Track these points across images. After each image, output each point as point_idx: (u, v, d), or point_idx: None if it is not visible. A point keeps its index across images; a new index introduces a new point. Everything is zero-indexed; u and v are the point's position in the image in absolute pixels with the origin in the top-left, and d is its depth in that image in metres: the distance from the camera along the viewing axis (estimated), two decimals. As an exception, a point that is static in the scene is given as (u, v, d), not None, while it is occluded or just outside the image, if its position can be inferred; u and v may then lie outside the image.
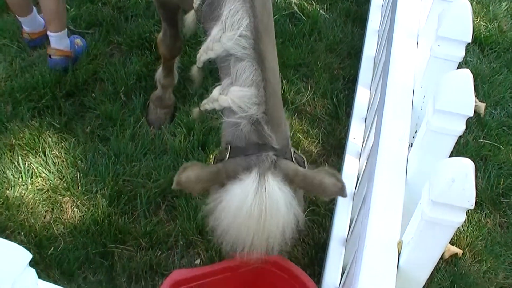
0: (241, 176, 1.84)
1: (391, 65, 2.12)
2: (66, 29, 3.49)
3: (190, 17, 2.22)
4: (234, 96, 1.93)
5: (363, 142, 3.05)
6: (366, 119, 3.19)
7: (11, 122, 3.12)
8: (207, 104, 2.08)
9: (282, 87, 3.46)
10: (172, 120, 3.23)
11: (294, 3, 4.05)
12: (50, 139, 3.08)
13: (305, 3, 4.09)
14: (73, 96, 3.34)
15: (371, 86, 3.38)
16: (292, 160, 1.96)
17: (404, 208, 1.66)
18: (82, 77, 3.40)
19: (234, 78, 1.96)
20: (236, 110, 1.93)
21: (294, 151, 2.02)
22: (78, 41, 3.60)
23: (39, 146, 3.04)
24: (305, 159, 2.07)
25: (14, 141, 3.04)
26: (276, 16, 3.90)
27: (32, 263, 1.15)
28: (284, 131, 2.03)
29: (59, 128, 3.14)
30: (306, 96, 3.46)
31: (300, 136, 3.26)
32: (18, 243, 1.15)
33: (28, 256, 1.12)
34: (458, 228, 2.24)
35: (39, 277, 1.22)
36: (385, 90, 2.04)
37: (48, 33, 3.44)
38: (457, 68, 1.88)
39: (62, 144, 3.07)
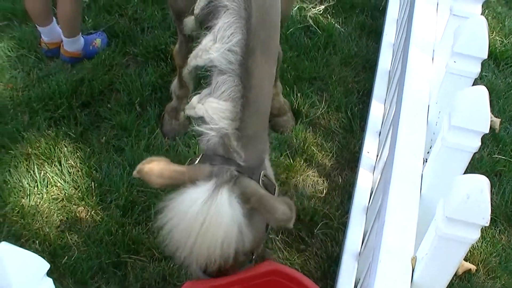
0: (200, 182, 1.85)
1: (406, 80, 2.12)
2: (80, 34, 3.58)
3: (190, 22, 2.23)
4: (209, 106, 1.94)
5: (377, 156, 3.04)
6: (380, 133, 3.19)
7: (27, 132, 3.16)
8: (187, 110, 2.08)
9: (296, 100, 3.48)
10: (187, 132, 3.24)
11: (310, 16, 4.07)
12: (65, 148, 3.11)
13: (320, 17, 4.10)
14: (89, 107, 3.38)
15: (385, 100, 3.38)
16: (259, 183, 1.94)
17: (418, 223, 1.66)
18: (98, 87, 3.44)
19: (213, 89, 1.97)
20: (208, 121, 1.94)
21: (265, 175, 2.00)
22: (98, 41, 3.68)
23: (54, 156, 3.07)
24: (276, 187, 2.05)
25: (30, 150, 3.08)
26: (291, 29, 3.92)
27: (48, 272, 1.16)
28: (259, 153, 2.01)
29: (74, 138, 3.16)
30: (320, 109, 3.47)
31: (314, 150, 3.26)
32: (33, 252, 1.16)
33: (46, 265, 1.13)
34: (472, 244, 2.23)
35: (54, 286, 1.23)
36: (400, 105, 2.04)
37: (61, 36, 3.55)
38: (472, 83, 1.88)
39: (78, 154, 3.10)
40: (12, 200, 2.87)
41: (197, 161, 1.97)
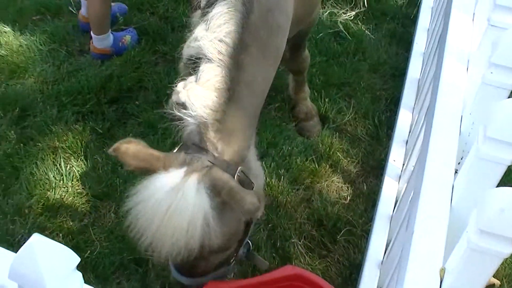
0: (172, 169, 1.81)
1: (439, 89, 2.10)
2: (109, 32, 3.60)
3: (197, 16, 2.19)
4: (191, 93, 1.90)
5: (403, 165, 3.02)
6: (407, 142, 3.16)
7: (55, 125, 3.19)
8: (173, 96, 2.02)
9: (324, 105, 3.46)
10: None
11: (340, 22, 4.05)
12: (92, 143, 3.13)
13: (350, 23, 4.08)
14: (116, 103, 3.40)
15: (413, 109, 3.35)
16: (234, 177, 1.88)
17: (447, 234, 1.63)
18: (126, 84, 3.46)
19: (198, 77, 1.93)
20: (188, 107, 1.89)
21: (243, 171, 1.93)
22: (128, 38, 3.70)
23: (81, 150, 3.09)
24: (254, 186, 1.99)
25: (57, 143, 3.10)
26: (321, 34, 3.91)
27: (74, 266, 1.16)
28: (239, 149, 1.96)
29: (101, 133, 3.19)
30: (347, 116, 3.45)
31: (340, 156, 3.24)
32: (55, 244, 1.16)
33: (76, 259, 1.13)
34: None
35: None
36: (432, 114, 2.01)
37: (91, 32, 3.56)
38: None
39: (104, 149, 3.11)
40: (38, 193, 2.89)
41: (176, 149, 1.95)
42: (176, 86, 2.01)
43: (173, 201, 1.74)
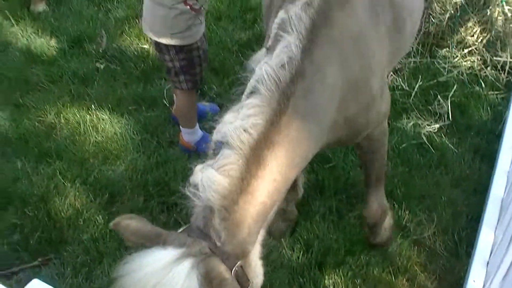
0: (170, 248, 1.79)
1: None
2: (195, 128, 3.75)
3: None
4: (205, 175, 1.90)
5: (483, 286, 2.93)
6: (488, 262, 3.08)
7: (141, 214, 3.27)
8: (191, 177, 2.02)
9: (404, 217, 3.44)
10: (292, 234, 3.26)
11: (424, 133, 4.07)
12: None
13: (434, 135, 4.09)
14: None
15: (496, 228, 3.28)
16: (231, 271, 1.84)
17: None
18: (211, 180, 3.56)
19: (215, 160, 1.93)
20: (199, 189, 1.89)
21: (242, 266, 1.89)
22: None
23: (163, 241, 3.17)
24: (251, 284, 1.93)
25: (141, 232, 3.20)
26: (404, 145, 3.93)
27: None
28: (242, 242, 1.92)
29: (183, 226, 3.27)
30: (427, 230, 3.40)
31: (417, 270, 3.20)
32: None
33: None
34: None
35: None
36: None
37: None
38: None
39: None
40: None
41: (182, 229, 1.95)
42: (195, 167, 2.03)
43: (161, 280, 1.73)
